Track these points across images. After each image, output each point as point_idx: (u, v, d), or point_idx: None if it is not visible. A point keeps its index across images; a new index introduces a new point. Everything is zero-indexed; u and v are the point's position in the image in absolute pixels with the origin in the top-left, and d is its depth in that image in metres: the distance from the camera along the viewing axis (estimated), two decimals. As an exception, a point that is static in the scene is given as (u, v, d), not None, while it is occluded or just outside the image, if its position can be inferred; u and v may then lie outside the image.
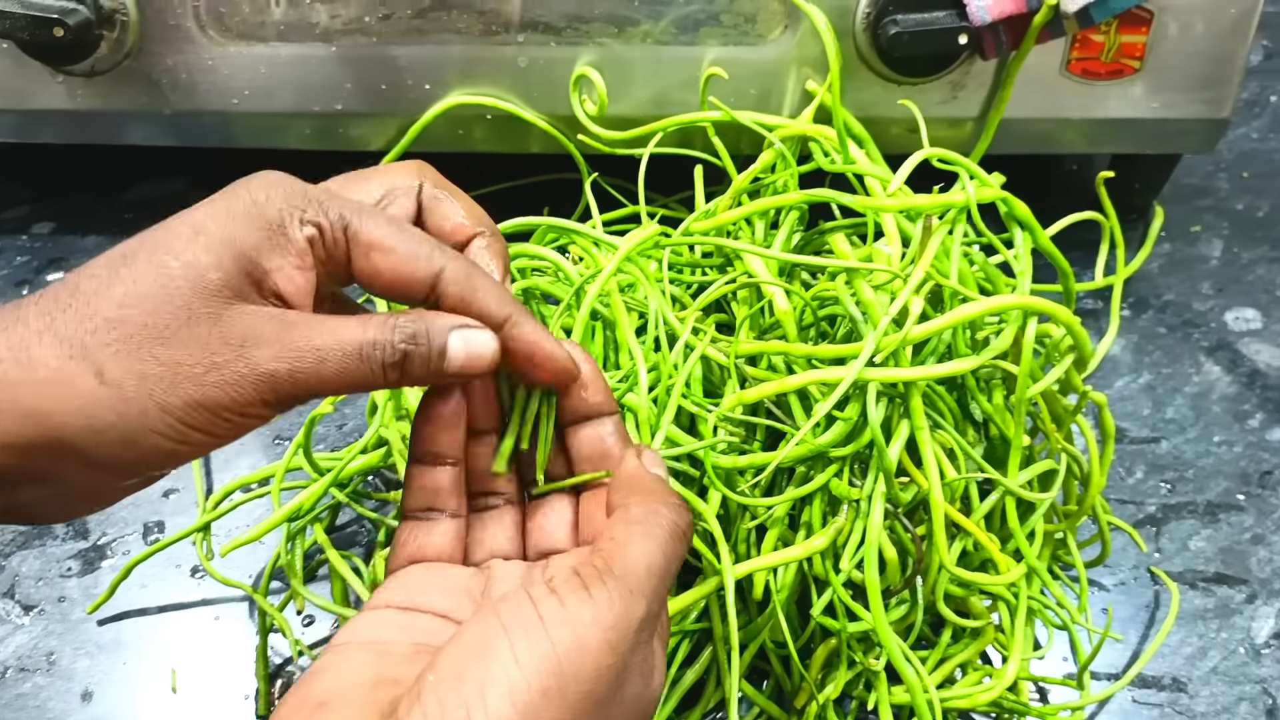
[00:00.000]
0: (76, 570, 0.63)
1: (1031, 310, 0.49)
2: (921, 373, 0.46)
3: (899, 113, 0.68)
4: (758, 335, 0.56)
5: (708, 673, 0.55)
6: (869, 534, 0.46)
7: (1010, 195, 0.52)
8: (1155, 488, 0.65)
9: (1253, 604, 0.60)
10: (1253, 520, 0.64)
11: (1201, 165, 0.84)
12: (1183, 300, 0.75)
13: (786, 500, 0.49)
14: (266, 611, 0.57)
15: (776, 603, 0.50)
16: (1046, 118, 0.69)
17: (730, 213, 0.57)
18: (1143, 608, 0.60)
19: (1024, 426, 0.53)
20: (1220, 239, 0.79)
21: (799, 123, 0.60)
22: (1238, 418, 0.69)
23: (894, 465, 0.46)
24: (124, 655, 0.59)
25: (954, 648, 0.52)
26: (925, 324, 0.45)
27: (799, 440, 0.47)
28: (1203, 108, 0.69)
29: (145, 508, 0.65)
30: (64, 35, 0.64)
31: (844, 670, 0.51)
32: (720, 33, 0.66)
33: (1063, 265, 0.54)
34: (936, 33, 0.62)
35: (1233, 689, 0.57)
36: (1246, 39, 0.67)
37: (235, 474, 0.66)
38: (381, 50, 0.66)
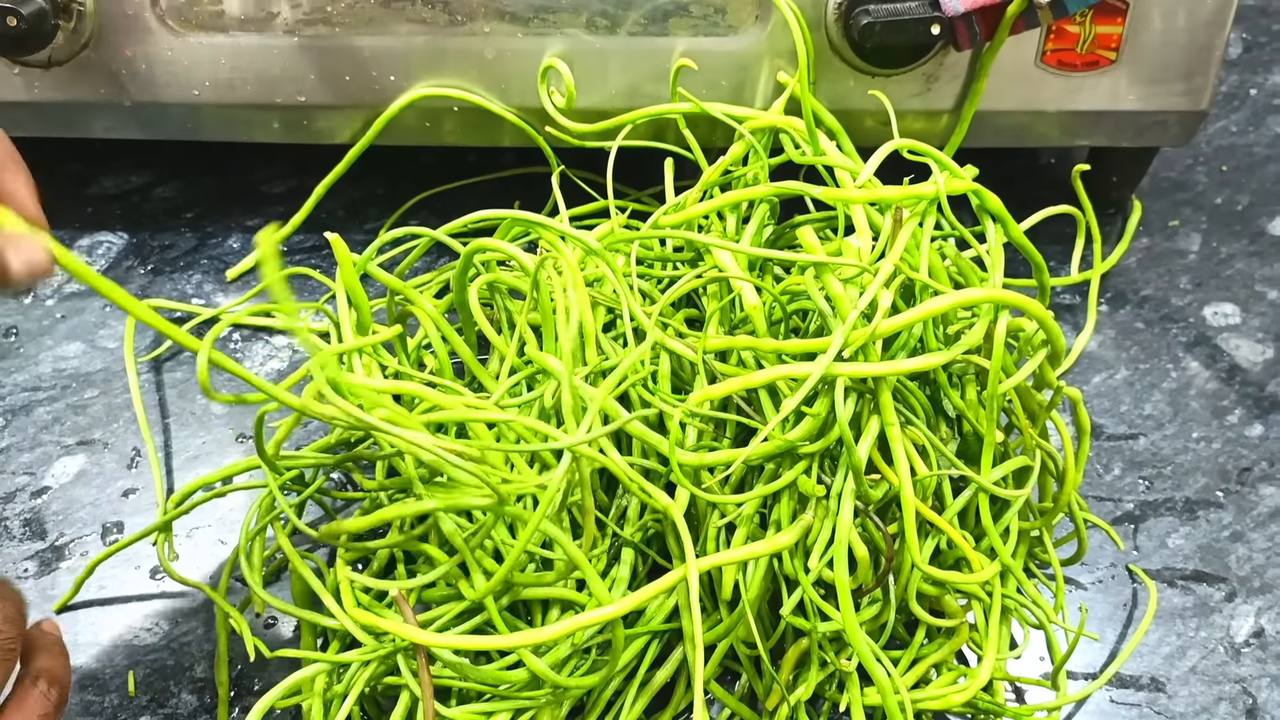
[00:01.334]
0: (33, 571, 0.61)
1: (1003, 304, 0.48)
2: (890, 368, 0.45)
3: (872, 104, 0.67)
4: (728, 330, 0.55)
5: (678, 674, 0.54)
6: (839, 532, 0.45)
7: (981, 188, 0.51)
8: (1133, 485, 0.65)
9: (1232, 602, 0.60)
10: (1232, 517, 0.63)
11: (1180, 159, 0.83)
12: (1161, 295, 0.74)
13: (755, 497, 0.48)
14: (227, 613, 0.55)
15: (746, 602, 0.49)
16: (1021, 109, 0.68)
17: (699, 206, 0.56)
18: (1120, 606, 0.59)
19: (997, 422, 0.52)
20: (1199, 233, 0.78)
21: (770, 115, 0.59)
22: (1216, 414, 0.68)
23: (863, 462, 0.45)
24: (81, 657, 0.57)
25: (928, 648, 0.51)
26: (894, 318, 0.44)
27: (766, 436, 0.46)
28: (1180, 100, 0.68)
29: (104, 508, 0.64)
30: (19, 25, 0.62)
31: (815, 671, 0.50)
32: (690, 23, 0.64)
33: (1036, 258, 0.53)
34: (909, 23, 0.61)
35: (1212, 688, 0.56)
36: (1224, 30, 0.66)
37: (197, 474, 0.65)
38: (344, 41, 0.65)
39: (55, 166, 0.84)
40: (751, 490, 0.49)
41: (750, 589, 0.49)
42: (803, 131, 0.56)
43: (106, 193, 0.83)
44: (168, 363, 0.71)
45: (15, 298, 0.42)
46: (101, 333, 0.73)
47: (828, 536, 0.47)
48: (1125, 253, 0.77)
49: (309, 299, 0.74)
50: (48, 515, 0.63)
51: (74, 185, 0.83)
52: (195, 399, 0.69)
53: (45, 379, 0.70)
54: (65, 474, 0.65)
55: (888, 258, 0.49)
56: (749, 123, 0.58)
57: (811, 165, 0.57)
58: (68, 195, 0.82)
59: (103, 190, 0.83)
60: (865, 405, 0.47)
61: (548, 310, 0.54)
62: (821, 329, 0.53)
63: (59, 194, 0.83)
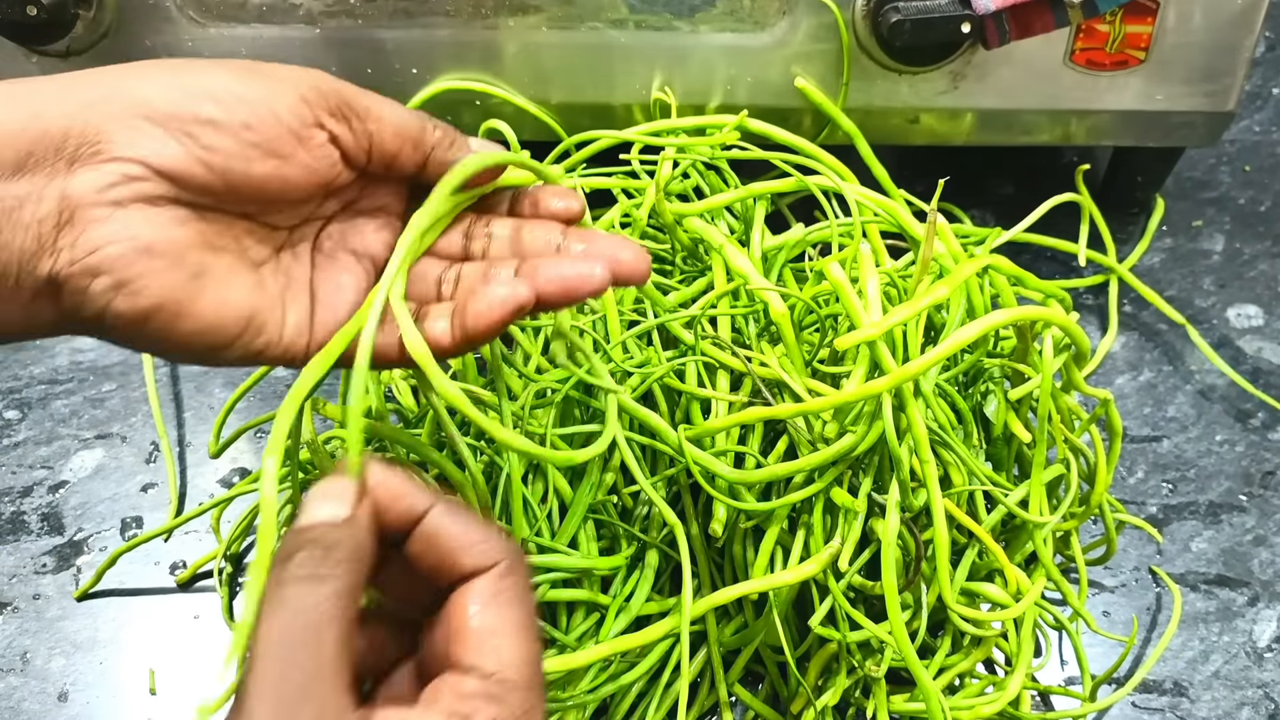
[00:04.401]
0: (52, 566, 0.61)
1: (1031, 319, 0.47)
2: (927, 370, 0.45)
3: (898, 102, 0.67)
4: (757, 334, 0.55)
5: (701, 675, 0.54)
6: (885, 545, 0.45)
7: (999, 260, 0.51)
8: (1156, 487, 0.64)
9: (1255, 607, 0.59)
10: (1255, 521, 0.63)
11: (1203, 159, 0.83)
12: (1184, 296, 0.74)
13: (785, 503, 0.48)
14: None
15: (774, 609, 0.48)
16: (1049, 109, 0.68)
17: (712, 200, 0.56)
18: (1144, 610, 0.59)
19: (1028, 425, 0.52)
20: (1222, 234, 0.78)
21: (805, 142, 0.58)
22: (1240, 417, 0.68)
23: (908, 475, 0.45)
24: (101, 654, 0.57)
25: (954, 657, 0.51)
26: (924, 357, 0.43)
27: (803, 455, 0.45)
28: (1207, 100, 0.68)
29: (122, 502, 0.63)
30: (38, 13, 0.61)
31: (843, 677, 0.49)
32: (716, 19, 0.64)
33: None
34: (938, 21, 0.61)
35: (1234, 693, 0.56)
36: (1253, 31, 0.65)
37: (216, 469, 0.65)
38: (367, 33, 0.64)
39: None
40: (783, 497, 0.48)
41: (778, 595, 0.49)
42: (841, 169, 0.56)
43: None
44: (185, 355, 0.71)
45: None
46: (118, 325, 0.72)
47: (855, 543, 0.47)
48: (1149, 253, 0.76)
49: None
50: (66, 509, 0.63)
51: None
52: (212, 392, 0.69)
53: (62, 372, 0.70)
54: (83, 468, 0.65)
55: (920, 265, 0.49)
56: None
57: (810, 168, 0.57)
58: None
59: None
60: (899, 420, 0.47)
61: (571, 309, 0.53)
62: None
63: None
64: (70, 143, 0.33)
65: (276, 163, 0.36)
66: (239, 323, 0.36)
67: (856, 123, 0.65)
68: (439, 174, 0.39)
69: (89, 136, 0.33)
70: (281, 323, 0.38)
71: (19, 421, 0.67)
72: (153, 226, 0.34)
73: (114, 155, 0.33)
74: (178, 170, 0.34)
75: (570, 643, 0.51)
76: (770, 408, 0.48)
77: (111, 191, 0.33)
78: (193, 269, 0.35)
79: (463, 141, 0.40)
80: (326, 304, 0.39)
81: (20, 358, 0.70)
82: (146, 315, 0.34)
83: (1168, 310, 0.71)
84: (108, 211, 0.33)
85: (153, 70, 0.35)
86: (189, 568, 0.60)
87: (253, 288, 0.37)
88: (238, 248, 0.37)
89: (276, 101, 0.35)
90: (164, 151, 0.34)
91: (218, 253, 0.36)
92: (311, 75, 0.37)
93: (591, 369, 0.46)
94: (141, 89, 0.34)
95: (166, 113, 0.34)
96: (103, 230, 0.33)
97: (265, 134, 0.35)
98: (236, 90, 0.35)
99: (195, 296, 0.35)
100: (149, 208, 0.34)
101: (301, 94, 0.36)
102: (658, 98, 0.66)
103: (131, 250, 0.33)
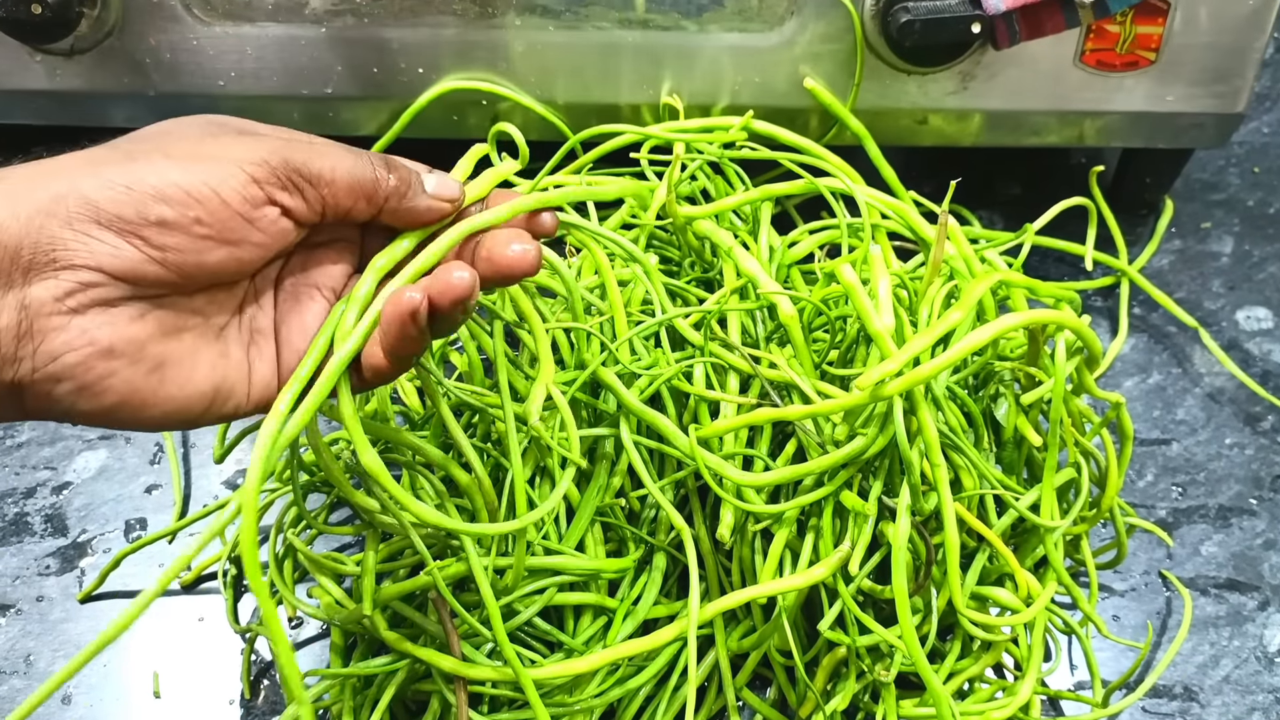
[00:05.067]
0: (55, 568, 0.60)
1: (1043, 323, 0.47)
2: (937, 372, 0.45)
3: (906, 103, 0.67)
4: (766, 336, 0.55)
5: (709, 679, 0.54)
6: (896, 551, 0.44)
7: (1012, 276, 0.50)
8: (1166, 491, 0.64)
9: (1265, 611, 0.59)
10: (1265, 525, 0.62)
11: (1212, 160, 0.82)
12: (1193, 298, 0.73)
13: (794, 506, 0.48)
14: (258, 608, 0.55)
15: (783, 612, 0.48)
16: (1058, 109, 0.67)
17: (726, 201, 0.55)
18: (1154, 614, 0.59)
19: (1039, 429, 0.52)
20: (1231, 236, 0.77)
21: (814, 145, 0.58)
22: (1249, 420, 0.67)
23: (919, 479, 0.45)
24: (105, 657, 0.57)
25: (963, 661, 0.50)
26: (936, 360, 0.43)
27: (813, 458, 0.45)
28: (1217, 102, 0.67)
29: (126, 504, 0.63)
30: (43, 12, 0.61)
31: (852, 681, 0.49)
32: (724, 19, 0.63)
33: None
34: (949, 21, 0.60)
35: (1245, 698, 0.56)
36: (1264, 32, 0.65)
37: (220, 471, 0.64)
38: (373, 32, 0.64)
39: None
40: (791, 499, 0.48)
41: (787, 599, 0.48)
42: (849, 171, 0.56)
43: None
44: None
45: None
46: (122, 325, 0.72)
47: (865, 546, 0.47)
48: (1158, 255, 0.76)
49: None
50: (70, 511, 0.63)
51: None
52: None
53: (66, 371, 0.69)
54: (87, 469, 0.65)
55: (929, 266, 0.48)
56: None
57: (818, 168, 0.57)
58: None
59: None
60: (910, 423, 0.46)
61: (580, 310, 0.53)
62: (859, 332, 0.52)
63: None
64: (24, 253, 0.33)
65: (230, 249, 0.36)
66: (204, 398, 0.37)
67: (864, 123, 0.65)
68: (394, 220, 0.40)
69: (43, 246, 0.33)
70: (248, 382, 0.39)
71: (22, 422, 0.67)
72: (111, 328, 0.34)
73: (70, 263, 0.33)
74: (133, 272, 0.34)
75: (578, 647, 0.50)
76: (779, 409, 0.47)
77: (69, 300, 0.34)
78: (153, 362, 0.35)
79: (417, 186, 0.40)
80: (290, 346, 0.40)
81: (24, 358, 0.70)
82: (111, 410, 0.35)
83: (1178, 312, 0.70)
84: (65, 320, 0.34)
85: (101, 165, 0.35)
86: (193, 570, 0.59)
87: (216, 360, 0.38)
88: (199, 321, 0.37)
89: (224, 187, 0.35)
90: (119, 255, 0.34)
91: (179, 335, 0.37)
92: (260, 148, 0.37)
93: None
94: (91, 189, 0.34)
95: (115, 215, 0.34)
96: (62, 338, 0.34)
97: (216, 226, 0.35)
98: (183, 183, 0.35)
99: (157, 388, 0.36)
100: (107, 310, 0.34)
101: (250, 174, 0.36)
102: (666, 102, 0.66)
103: (91, 355, 0.34)
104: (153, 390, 0.36)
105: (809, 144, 0.58)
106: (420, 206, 0.40)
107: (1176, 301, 0.71)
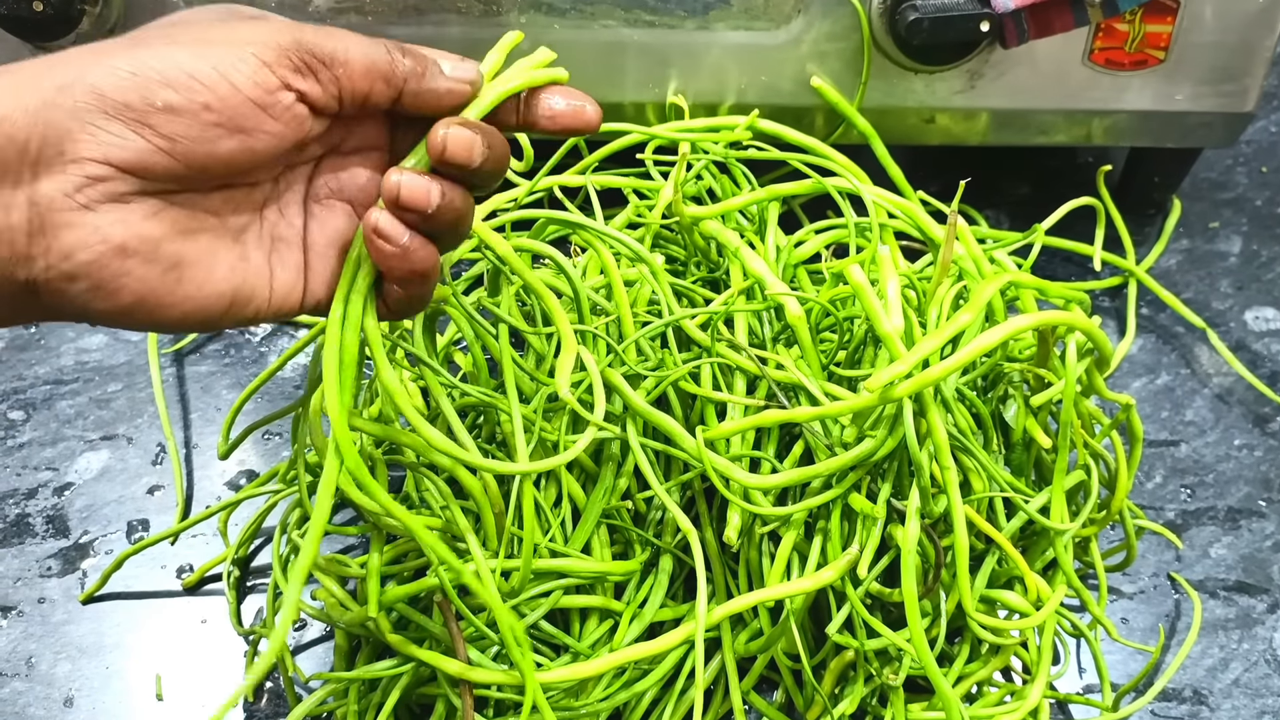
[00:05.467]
0: (57, 570, 0.60)
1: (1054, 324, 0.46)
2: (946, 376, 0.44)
3: (913, 102, 0.66)
4: (774, 337, 0.54)
5: (715, 683, 0.53)
6: (905, 554, 0.44)
7: (1019, 276, 0.50)
8: (1175, 493, 0.63)
9: (1275, 614, 0.59)
10: (1274, 527, 0.62)
11: (1220, 160, 0.82)
12: (1201, 299, 0.73)
13: (803, 509, 0.47)
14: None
15: (791, 616, 0.48)
16: (1066, 109, 0.67)
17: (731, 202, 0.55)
18: (1163, 616, 0.58)
19: (1048, 430, 0.51)
20: (1239, 235, 0.77)
21: (822, 145, 0.57)
22: (1258, 421, 0.67)
23: (928, 482, 0.44)
24: (106, 659, 0.57)
25: (972, 665, 0.50)
26: (946, 361, 0.42)
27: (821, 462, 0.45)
28: (1226, 101, 0.67)
29: (128, 505, 0.63)
30: (44, 9, 0.61)
31: (860, 685, 0.49)
32: (730, 17, 0.63)
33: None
34: (957, 19, 0.60)
35: (1254, 702, 0.55)
36: (1273, 31, 0.65)
37: (223, 471, 0.64)
38: (377, 30, 0.64)
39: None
40: (799, 502, 0.48)
41: (794, 602, 0.48)
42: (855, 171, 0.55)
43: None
44: (190, 356, 0.70)
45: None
46: (124, 324, 0.72)
47: (874, 549, 0.46)
48: (1166, 255, 0.75)
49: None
50: (71, 512, 0.62)
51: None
52: (219, 394, 0.68)
53: (68, 372, 0.69)
54: (89, 470, 0.64)
55: (938, 267, 0.48)
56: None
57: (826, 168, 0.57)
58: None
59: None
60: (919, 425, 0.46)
61: (586, 310, 0.53)
62: (867, 334, 0.52)
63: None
64: (32, 147, 0.32)
65: (242, 137, 0.35)
66: (223, 300, 0.36)
67: (871, 122, 0.64)
68: (416, 105, 0.38)
69: (50, 139, 0.33)
70: (269, 288, 0.38)
71: (24, 422, 0.67)
72: (124, 225, 0.34)
73: (77, 156, 0.33)
74: (141, 164, 0.33)
75: (584, 650, 0.50)
76: (787, 411, 0.47)
77: (79, 195, 0.33)
78: (169, 261, 0.35)
79: (434, 69, 0.38)
80: (318, 253, 0.39)
81: (25, 358, 0.70)
82: (127, 310, 0.34)
83: (1186, 313, 0.70)
84: (78, 216, 0.33)
85: (107, 54, 0.34)
86: (196, 571, 0.59)
87: (235, 263, 0.37)
88: (216, 222, 0.36)
89: (235, 73, 0.34)
90: (126, 146, 0.33)
91: (194, 236, 0.35)
92: (270, 29, 0.36)
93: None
94: (97, 78, 0.33)
95: (121, 103, 0.33)
96: (75, 235, 0.33)
97: (227, 112, 0.34)
98: (190, 68, 0.34)
99: (174, 288, 0.35)
100: (119, 206, 0.33)
101: (260, 58, 0.35)
102: (672, 101, 0.65)
103: (105, 253, 0.33)
104: (169, 290, 0.35)
105: (814, 143, 0.57)
106: (440, 88, 0.38)
107: (1184, 302, 0.71)
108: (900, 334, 0.45)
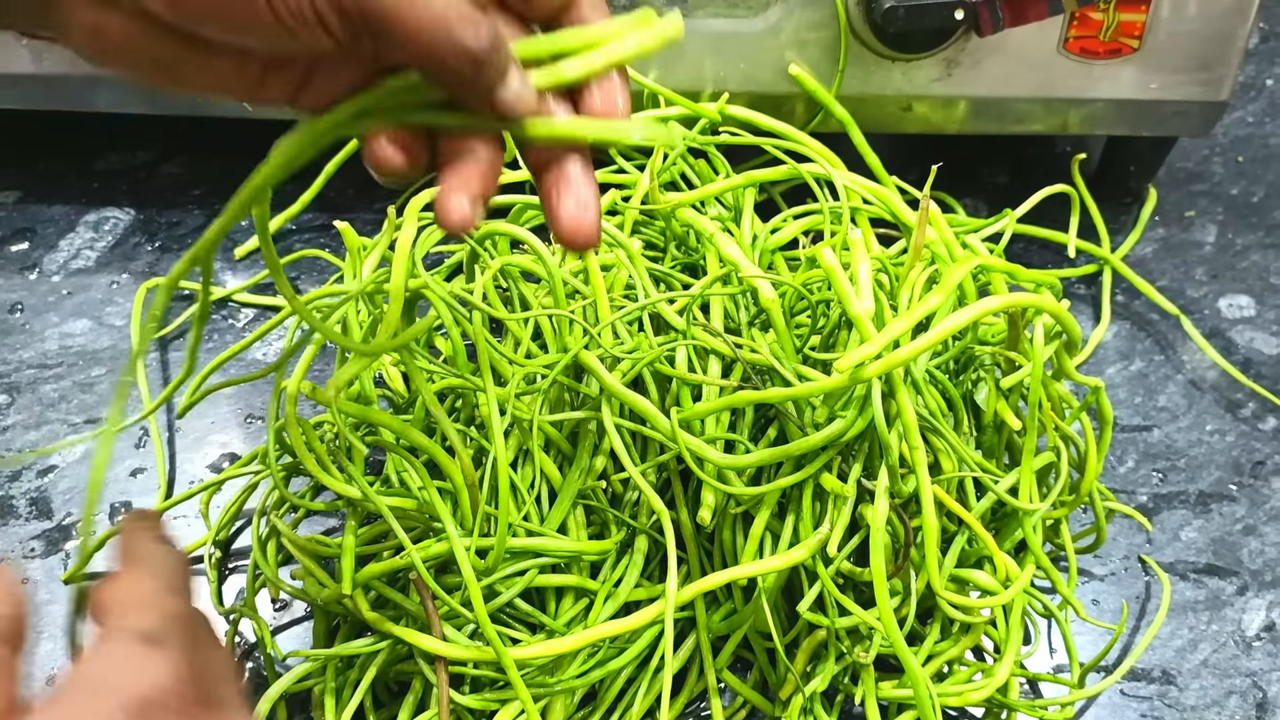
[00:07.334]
0: (40, 551, 0.61)
1: (1022, 306, 0.47)
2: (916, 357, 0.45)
3: (891, 90, 0.67)
4: (749, 321, 0.55)
5: (690, 661, 0.54)
6: (874, 532, 0.45)
7: (994, 261, 0.51)
8: (1147, 477, 0.64)
9: (1244, 596, 0.59)
10: (1244, 511, 0.63)
11: (1196, 149, 0.83)
12: (1176, 286, 0.74)
13: (775, 489, 0.48)
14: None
15: (763, 594, 0.48)
16: (1041, 97, 0.68)
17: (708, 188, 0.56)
18: (1133, 599, 0.59)
19: (1018, 413, 0.52)
20: (1214, 224, 0.78)
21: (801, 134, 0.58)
22: (1230, 407, 0.68)
23: (897, 461, 0.45)
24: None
25: (942, 644, 0.51)
26: (914, 342, 0.43)
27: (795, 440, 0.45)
28: (1201, 90, 0.68)
29: (112, 487, 0.63)
30: None
31: (831, 663, 0.49)
32: (710, 3, 0.64)
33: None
34: (932, 7, 0.60)
35: (1223, 682, 0.56)
36: (1247, 20, 0.65)
37: (205, 454, 0.64)
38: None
39: (61, 141, 0.83)
40: (772, 482, 0.48)
41: (767, 581, 0.49)
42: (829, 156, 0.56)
43: (113, 168, 0.82)
44: (175, 341, 0.71)
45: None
46: (109, 309, 0.72)
47: (844, 528, 0.47)
48: (1141, 243, 0.76)
49: (318, 279, 0.74)
50: (54, 494, 0.63)
51: (80, 160, 0.82)
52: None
53: (52, 356, 0.69)
54: (72, 453, 0.65)
55: (911, 251, 0.49)
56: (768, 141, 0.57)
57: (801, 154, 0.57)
58: (74, 170, 0.82)
59: (109, 166, 0.82)
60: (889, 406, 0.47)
61: (561, 295, 0.53)
62: (841, 316, 0.53)
63: (65, 168, 0.82)
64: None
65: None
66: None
67: (849, 110, 0.65)
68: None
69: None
70: None
71: (8, 406, 0.67)
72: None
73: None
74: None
75: (559, 628, 0.51)
76: (759, 391, 0.48)
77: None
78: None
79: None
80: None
81: (9, 342, 0.70)
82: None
83: (1160, 300, 0.71)
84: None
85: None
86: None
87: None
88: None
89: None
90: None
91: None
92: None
93: None
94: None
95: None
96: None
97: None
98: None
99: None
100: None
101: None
102: (650, 89, 0.66)
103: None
104: None
105: (787, 129, 0.58)
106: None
107: (1159, 289, 0.72)
108: (871, 316, 0.45)
